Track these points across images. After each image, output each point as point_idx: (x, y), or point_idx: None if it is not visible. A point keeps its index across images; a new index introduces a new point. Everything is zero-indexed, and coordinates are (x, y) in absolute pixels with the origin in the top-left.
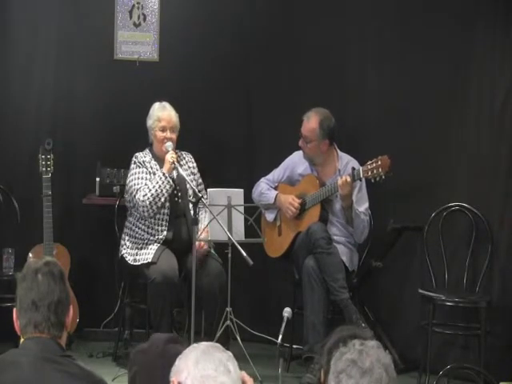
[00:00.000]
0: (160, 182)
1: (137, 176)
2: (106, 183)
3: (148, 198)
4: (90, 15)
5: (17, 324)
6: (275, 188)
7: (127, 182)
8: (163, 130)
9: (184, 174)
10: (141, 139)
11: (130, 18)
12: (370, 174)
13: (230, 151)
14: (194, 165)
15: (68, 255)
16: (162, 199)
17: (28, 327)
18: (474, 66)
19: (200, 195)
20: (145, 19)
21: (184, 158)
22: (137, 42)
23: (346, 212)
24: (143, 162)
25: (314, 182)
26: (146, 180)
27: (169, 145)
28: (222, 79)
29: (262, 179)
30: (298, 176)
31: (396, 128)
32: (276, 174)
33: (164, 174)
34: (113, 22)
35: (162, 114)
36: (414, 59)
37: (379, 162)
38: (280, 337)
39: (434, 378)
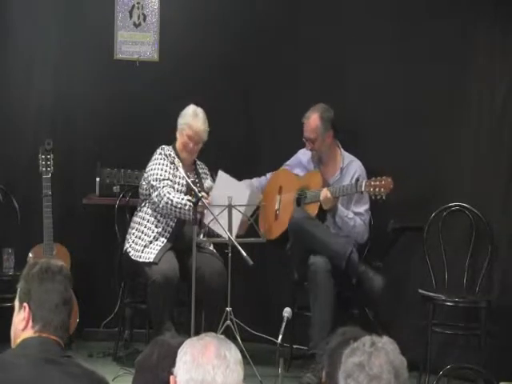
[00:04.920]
0: (185, 209)
1: (160, 167)
2: (106, 183)
3: (169, 200)
4: (90, 15)
5: (24, 324)
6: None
7: (148, 169)
8: (189, 138)
9: (184, 174)
10: (141, 139)
11: (130, 17)
12: (371, 190)
13: (229, 151)
14: (208, 174)
15: (68, 255)
16: (177, 215)
17: (45, 327)
18: (473, 67)
19: (200, 195)
20: (145, 19)
21: (203, 169)
22: (137, 41)
23: (332, 218)
24: (169, 154)
25: (318, 179)
26: (169, 174)
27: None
28: (222, 79)
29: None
30: (302, 166)
31: (396, 128)
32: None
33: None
34: (113, 22)
35: (193, 124)
36: (414, 59)
37: (382, 182)
38: (280, 337)
39: (434, 377)
